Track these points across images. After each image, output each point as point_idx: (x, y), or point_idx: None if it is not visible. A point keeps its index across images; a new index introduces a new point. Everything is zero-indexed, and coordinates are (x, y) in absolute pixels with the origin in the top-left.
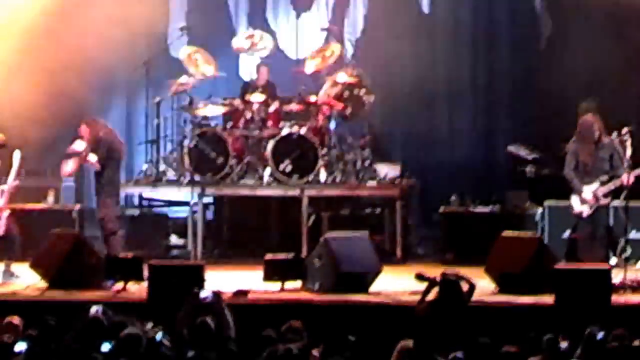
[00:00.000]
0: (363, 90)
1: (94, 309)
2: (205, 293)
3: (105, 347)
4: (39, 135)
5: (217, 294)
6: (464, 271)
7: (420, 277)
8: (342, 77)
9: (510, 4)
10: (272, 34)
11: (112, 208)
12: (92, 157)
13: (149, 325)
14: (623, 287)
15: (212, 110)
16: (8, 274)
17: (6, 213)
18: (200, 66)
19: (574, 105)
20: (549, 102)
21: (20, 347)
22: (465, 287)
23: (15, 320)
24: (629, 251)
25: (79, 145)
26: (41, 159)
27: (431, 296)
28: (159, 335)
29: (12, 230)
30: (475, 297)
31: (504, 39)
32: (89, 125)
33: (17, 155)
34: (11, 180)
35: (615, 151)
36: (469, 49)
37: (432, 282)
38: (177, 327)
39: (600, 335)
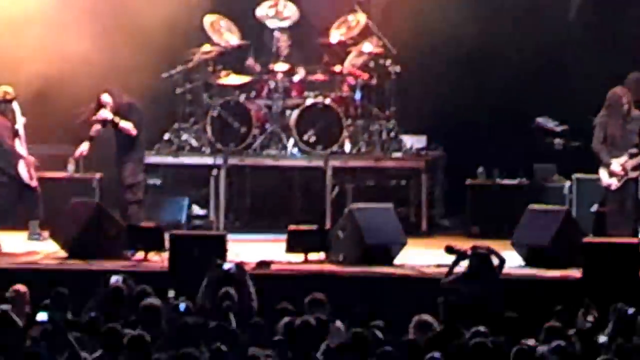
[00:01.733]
0: (389, 61)
1: (114, 279)
2: (228, 265)
3: (41, 316)
4: (60, 103)
5: (240, 266)
6: (490, 244)
7: (450, 249)
8: (368, 47)
9: None
10: (297, 2)
11: (140, 175)
12: (127, 124)
13: (171, 293)
14: None
15: (235, 80)
16: (35, 235)
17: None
18: (224, 35)
19: (603, 77)
20: (579, 73)
21: (42, 316)
22: (495, 261)
23: (22, 288)
24: None
25: (105, 114)
26: (63, 128)
27: (459, 269)
28: (182, 305)
29: (37, 185)
30: (503, 270)
31: (534, 7)
32: (113, 94)
33: (16, 105)
34: (20, 125)
35: None
36: (498, 17)
37: (462, 255)
38: (199, 298)
39: (630, 311)
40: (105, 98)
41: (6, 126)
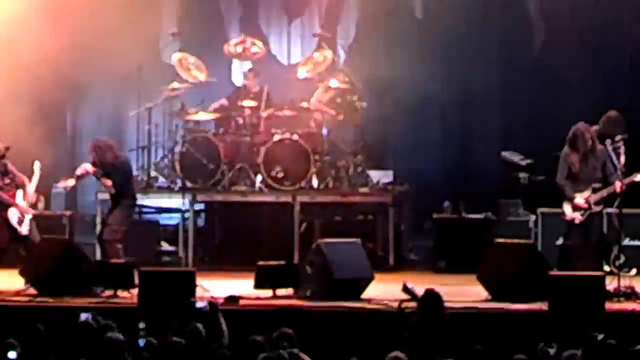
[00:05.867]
0: (355, 97)
1: (83, 316)
2: (201, 304)
3: (12, 354)
4: (29, 141)
5: (213, 303)
6: (457, 278)
7: (405, 289)
8: (334, 83)
9: (504, 10)
10: (264, 40)
11: (124, 219)
12: (107, 182)
13: (141, 325)
14: (617, 294)
15: (203, 116)
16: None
17: (30, 216)
18: (192, 72)
19: (568, 111)
20: (543, 108)
21: (12, 355)
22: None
23: None
24: (622, 258)
25: (88, 167)
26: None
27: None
28: (141, 341)
29: (33, 234)
30: (469, 304)
31: (497, 44)
32: (99, 148)
33: (37, 166)
34: (32, 190)
35: (608, 159)
36: (461, 54)
37: (413, 297)
38: (168, 335)
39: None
40: (92, 151)
41: None
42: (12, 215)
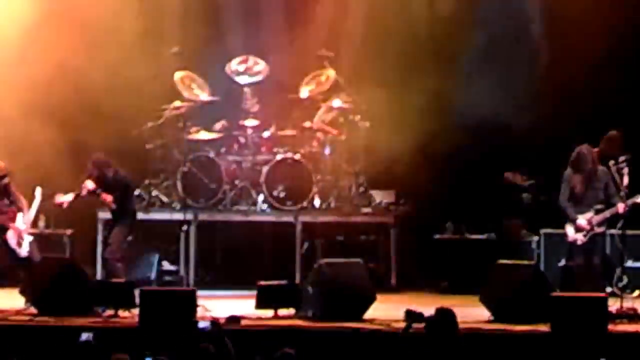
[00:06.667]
0: (358, 116)
1: (84, 336)
2: (203, 324)
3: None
4: (30, 160)
5: (215, 323)
6: (459, 299)
7: (409, 314)
8: (337, 102)
9: (508, 30)
10: (267, 58)
11: (124, 237)
12: (108, 197)
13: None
14: (619, 316)
15: (205, 135)
16: None
17: (30, 238)
18: (194, 90)
19: (572, 131)
20: (547, 127)
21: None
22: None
23: None
24: (625, 280)
25: (90, 185)
26: (32, 184)
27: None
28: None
29: (33, 256)
30: (471, 325)
31: (500, 63)
32: (99, 165)
33: (39, 192)
34: (32, 214)
35: (611, 180)
36: (464, 72)
37: (420, 318)
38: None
39: None
40: (91, 168)
41: None
42: (11, 237)
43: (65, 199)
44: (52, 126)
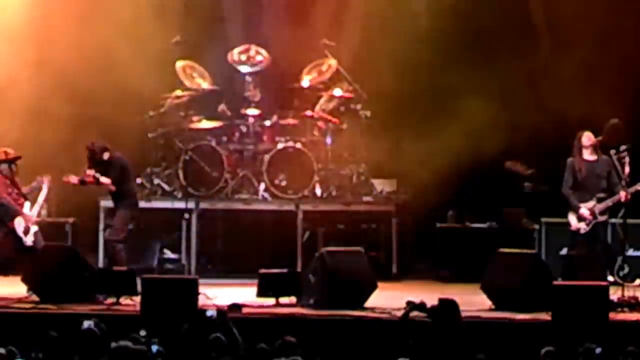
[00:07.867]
0: (359, 105)
1: (86, 324)
2: (210, 312)
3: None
4: (32, 148)
5: (220, 310)
6: (460, 287)
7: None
8: (338, 91)
9: (509, 19)
10: (268, 47)
11: (126, 219)
12: (106, 180)
13: (142, 333)
14: (621, 304)
15: (207, 124)
16: None
17: (35, 228)
18: (196, 79)
19: (573, 120)
20: (547, 116)
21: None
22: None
23: None
24: (626, 269)
25: (90, 172)
26: (34, 172)
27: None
28: (154, 347)
29: (38, 246)
30: (472, 313)
31: (501, 52)
32: (95, 149)
33: (46, 181)
34: (40, 202)
35: (613, 168)
36: (465, 62)
37: (421, 308)
38: (181, 344)
39: (598, 350)
40: (90, 153)
41: (3, 182)
42: (19, 224)
43: (73, 179)
44: (50, 123)
